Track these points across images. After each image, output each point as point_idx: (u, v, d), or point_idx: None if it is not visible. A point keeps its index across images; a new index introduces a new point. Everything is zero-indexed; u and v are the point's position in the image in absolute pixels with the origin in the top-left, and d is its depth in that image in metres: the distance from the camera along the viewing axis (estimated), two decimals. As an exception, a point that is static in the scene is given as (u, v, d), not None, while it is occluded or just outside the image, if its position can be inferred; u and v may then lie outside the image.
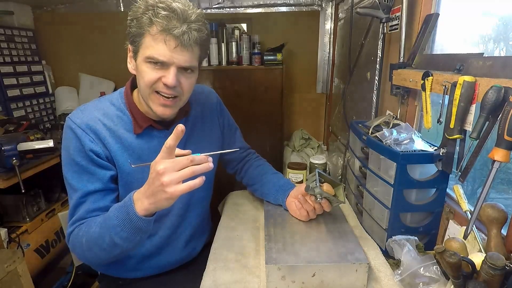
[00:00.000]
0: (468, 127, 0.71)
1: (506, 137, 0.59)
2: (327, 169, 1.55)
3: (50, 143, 1.59)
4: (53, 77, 2.56)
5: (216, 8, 2.37)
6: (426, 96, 0.86)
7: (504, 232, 0.70)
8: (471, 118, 0.70)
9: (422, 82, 0.87)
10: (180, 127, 0.64)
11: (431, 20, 0.97)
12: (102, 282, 1.07)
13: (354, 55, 1.59)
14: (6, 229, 1.51)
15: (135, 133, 0.88)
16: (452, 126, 0.73)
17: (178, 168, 0.64)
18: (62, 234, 1.83)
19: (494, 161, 0.62)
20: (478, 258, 0.62)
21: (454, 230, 0.83)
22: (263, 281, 0.78)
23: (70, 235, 0.83)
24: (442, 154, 0.78)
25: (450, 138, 0.75)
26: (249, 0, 2.35)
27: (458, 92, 0.70)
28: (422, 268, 0.70)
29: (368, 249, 0.90)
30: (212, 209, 1.20)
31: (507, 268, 0.56)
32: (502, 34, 0.91)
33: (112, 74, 2.52)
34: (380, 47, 1.23)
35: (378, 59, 1.25)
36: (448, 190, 0.90)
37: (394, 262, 0.84)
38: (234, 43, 2.16)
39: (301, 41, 2.41)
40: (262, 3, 2.35)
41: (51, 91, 2.49)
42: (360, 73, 1.54)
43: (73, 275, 1.70)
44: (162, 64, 0.78)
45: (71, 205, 0.84)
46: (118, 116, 0.88)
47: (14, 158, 1.43)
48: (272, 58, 2.12)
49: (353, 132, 1.13)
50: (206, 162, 0.66)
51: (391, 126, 0.99)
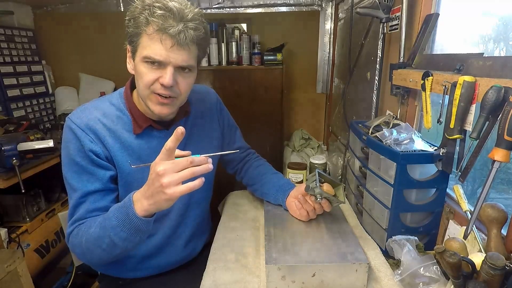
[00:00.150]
0: (468, 127, 0.71)
1: (506, 137, 0.59)
2: (327, 169, 1.55)
3: (50, 143, 1.59)
4: (53, 77, 2.57)
5: (216, 8, 2.37)
6: (426, 96, 0.86)
7: (504, 232, 0.70)
8: (471, 118, 0.70)
9: (422, 82, 0.87)
10: (180, 129, 0.64)
11: (431, 20, 0.97)
12: (102, 282, 1.07)
13: (354, 55, 1.59)
14: (6, 229, 1.51)
15: (134, 133, 0.88)
16: (452, 126, 0.73)
17: (177, 169, 0.64)
18: (62, 234, 1.83)
19: (494, 161, 0.62)
20: (478, 258, 0.62)
21: (454, 230, 0.83)
22: (263, 281, 0.78)
23: (70, 235, 0.83)
24: (442, 154, 0.78)
25: (450, 138, 0.75)
26: (249, 0, 2.35)
27: (458, 92, 0.70)
28: (422, 268, 0.70)
29: (368, 249, 0.90)
30: (212, 209, 1.20)
31: (507, 268, 0.56)
32: (502, 34, 0.91)
33: (112, 74, 2.52)
34: (380, 47, 1.23)
35: (378, 59, 1.25)
36: (448, 190, 0.90)
37: (394, 262, 0.84)
38: (234, 43, 2.16)
39: (301, 41, 2.41)
40: (262, 3, 2.35)
41: (51, 91, 2.50)
42: (360, 73, 1.54)
43: (73, 275, 1.70)
44: (159, 64, 0.77)
45: (71, 205, 0.84)
46: (118, 116, 0.88)
47: (14, 158, 1.43)
48: (272, 58, 2.12)
49: (353, 132, 1.13)
50: (206, 163, 0.66)
51: (391, 126, 0.99)
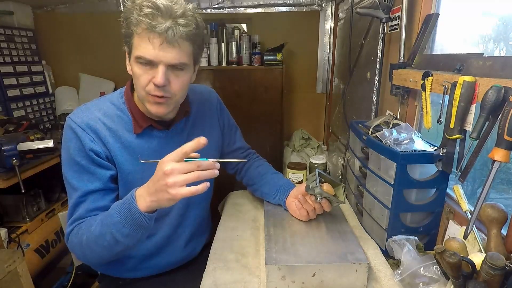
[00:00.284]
0: (468, 127, 0.71)
1: (506, 137, 0.59)
2: (327, 169, 1.55)
3: (50, 143, 1.59)
4: (53, 77, 2.57)
5: (216, 8, 2.37)
6: (426, 96, 0.86)
7: (504, 232, 0.70)
8: (471, 118, 0.70)
9: (422, 82, 0.87)
10: (203, 140, 0.65)
11: (431, 20, 0.97)
12: (102, 282, 1.07)
13: (354, 55, 1.59)
14: (6, 229, 1.51)
15: (135, 133, 0.88)
16: (452, 126, 0.73)
17: (184, 171, 0.65)
18: (62, 234, 1.83)
19: (494, 161, 0.62)
20: (478, 258, 0.62)
21: (454, 230, 0.83)
22: (263, 281, 0.78)
23: (69, 234, 0.83)
24: (442, 154, 0.78)
25: (450, 138, 0.75)
26: (249, 0, 2.35)
27: (458, 92, 0.70)
28: (422, 268, 0.70)
29: (368, 249, 0.90)
30: (212, 209, 1.20)
31: (507, 268, 0.56)
32: (502, 34, 0.91)
33: (112, 74, 2.52)
34: (380, 47, 1.23)
35: (378, 59, 1.25)
36: (448, 190, 0.90)
37: (394, 262, 0.84)
38: (234, 43, 2.16)
39: (301, 41, 2.41)
40: (262, 3, 2.35)
41: (51, 91, 2.50)
42: (360, 73, 1.54)
43: (73, 275, 1.70)
44: (151, 64, 0.76)
45: (71, 204, 0.84)
46: (118, 116, 0.88)
47: (14, 158, 1.43)
48: (272, 58, 2.12)
49: (353, 132, 1.13)
50: (213, 169, 0.66)
51: (391, 126, 0.99)
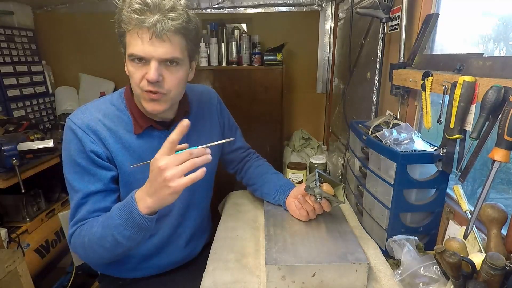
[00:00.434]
0: (468, 127, 0.71)
1: (506, 137, 0.59)
2: (327, 169, 1.55)
3: (50, 143, 1.59)
4: (53, 77, 2.56)
5: (216, 8, 2.37)
6: (426, 96, 0.86)
7: (504, 232, 0.70)
8: (471, 118, 0.70)
9: (422, 82, 0.87)
10: (185, 121, 0.65)
11: (431, 20, 0.97)
12: (102, 282, 1.07)
13: (354, 55, 1.59)
14: (6, 229, 1.51)
15: (135, 133, 0.88)
16: (452, 126, 0.73)
17: (178, 162, 0.66)
18: (62, 234, 1.83)
19: (494, 161, 0.62)
20: (478, 258, 0.62)
21: (454, 230, 0.83)
22: (263, 281, 0.78)
23: (72, 235, 0.83)
24: (442, 154, 0.78)
25: (450, 138, 0.75)
26: (249, 0, 2.35)
27: (458, 92, 0.70)
28: (422, 268, 0.70)
29: (368, 249, 0.90)
30: (212, 209, 1.20)
31: (507, 268, 0.56)
32: (502, 34, 0.91)
33: (112, 74, 2.52)
34: (380, 47, 1.23)
35: (378, 59, 1.25)
36: (448, 190, 0.90)
37: (394, 262, 0.84)
38: (234, 43, 2.16)
39: (301, 41, 2.41)
40: (262, 3, 2.35)
41: (51, 91, 2.50)
42: (360, 73, 1.54)
43: (73, 275, 1.70)
44: (144, 61, 0.76)
45: (72, 206, 0.84)
46: (118, 117, 0.88)
47: (14, 158, 1.43)
48: (272, 58, 2.11)
49: (353, 132, 1.13)
50: (204, 154, 0.68)
51: (391, 126, 0.99)
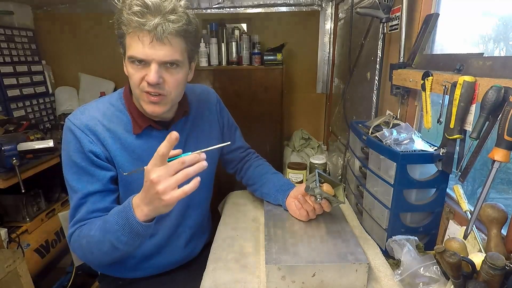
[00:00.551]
0: (468, 127, 0.71)
1: (506, 137, 0.59)
2: (327, 169, 1.55)
3: (50, 143, 1.59)
4: (53, 77, 2.56)
5: (216, 8, 2.37)
6: (426, 96, 0.86)
7: (504, 232, 0.70)
8: (471, 118, 0.71)
9: (422, 82, 0.87)
10: (174, 134, 0.61)
11: (431, 20, 0.97)
12: (102, 282, 1.07)
13: (354, 55, 1.59)
14: (6, 229, 1.51)
15: (134, 133, 0.88)
16: (452, 126, 0.73)
17: (171, 173, 0.63)
18: (62, 234, 1.83)
19: (494, 161, 0.62)
20: (478, 258, 0.62)
21: (454, 230, 0.83)
22: (263, 281, 0.78)
23: (71, 236, 0.83)
24: (442, 154, 0.78)
25: (450, 138, 0.75)
26: (249, 0, 2.35)
27: (458, 92, 0.70)
28: (422, 268, 0.70)
29: (368, 249, 0.90)
30: (212, 209, 1.20)
31: (507, 268, 0.56)
32: (502, 34, 0.91)
33: (112, 74, 2.52)
34: (380, 47, 1.23)
35: (378, 59, 1.25)
36: (448, 190, 0.90)
37: (394, 262, 0.84)
38: (234, 43, 2.16)
39: (301, 41, 2.41)
40: (262, 3, 2.35)
41: (51, 91, 2.50)
42: (360, 73, 1.54)
43: (73, 275, 1.70)
44: (144, 63, 0.76)
45: (72, 206, 0.84)
46: (118, 117, 0.88)
47: (14, 158, 1.43)
48: (272, 58, 2.12)
49: (353, 132, 1.13)
50: (198, 162, 0.63)
51: (391, 126, 0.99)
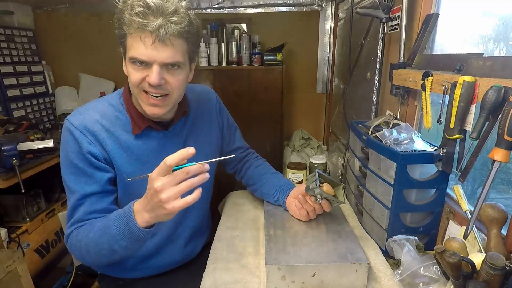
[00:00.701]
0: (468, 127, 0.71)
1: (506, 137, 0.59)
2: (327, 169, 1.55)
3: (50, 143, 1.59)
4: (53, 77, 2.57)
5: (216, 8, 2.37)
6: (426, 96, 0.86)
7: (504, 232, 0.70)
8: (471, 118, 0.70)
9: (422, 82, 0.87)
10: (191, 150, 0.63)
11: (431, 20, 0.97)
12: (102, 282, 1.07)
13: (354, 55, 1.59)
14: (6, 229, 1.51)
15: (133, 133, 0.87)
16: (452, 126, 0.73)
17: (175, 183, 0.64)
18: (62, 234, 1.83)
19: (494, 161, 0.62)
20: (478, 258, 0.62)
21: (454, 230, 0.83)
22: (263, 281, 0.78)
23: (69, 236, 0.83)
24: (442, 154, 0.78)
25: (450, 138, 0.75)
26: (249, 0, 2.35)
27: (458, 92, 0.70)
28: (422, 268, 0.70)
29: (368, 249, 0.90)
30: (212, 209, 1.20)
31: (507, 268, 0.56)
32: (502, 34, 0.91)
33: (112, 74, 2.52)
34: (380, 47, 1.23)
35: (378, 59, 1.25)
36: (448, 190, 0.90)
37: (394, 262, 0.84)
38: (234, 43, 2.16)
39: (301, 41, 2.41)
40: (262, 3, 2.35)
41: (51, 91, 2.50)
42: (360, 73, 1.54)
43: (73, 275, 1.70)
44: (145, 64, 0.76)
45: (69, 206, 0.84)
46: (117, 117, 0.87)
47: (14, 158, 1.43)
48: (272, 58, 2.11)
49: (353, 132, 1.13)
50: (202, 173, 0.65)
51: (391, 126, 0.99)
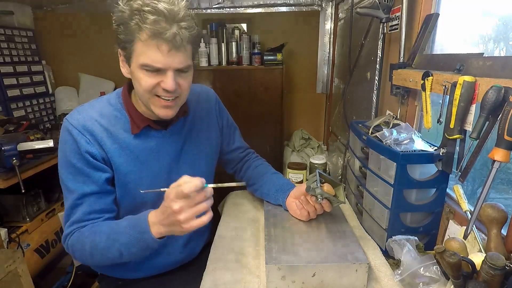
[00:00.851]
0: (468, 127, 0.71)
1: (506, 137, 0.59)
2: (327, 169, 1.55)
3: (50, 143, 1.59)
4: (53, 77, 2.57)
5: (216, 8, 2.37)
6: (426, 96, 0.86)
7: (504, 232, 0.70)
8: (471, 118, 0.71)
9: (422, 82, 0.87)
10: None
11: (431, 20, 0.97)
12: (102, 282, 1.07)
13: (354, 55, 1.59)
14: (6, 229, 1.51)
15: (132, 133, 0.87)
16: (452, 126, 0.73)
17: (193, 204, 0.69)
18: (62, 234, 1.83)
19: (494, 161, 0.62)
20: (478, 258, 0.62)
21: (454, 230, 0.83)
22: (263, 281, 0.78)
23: (68, 236, 0.83)
24: (442, 154, 0.78)
25: (450, 138, 0.75)
26: (249, 0, 2.35)
27: (458, 92, 0.70)
28: (422, 268, 0.70)
29: (368, 249, 0.90)
30: (212, 209, 1.20)
31: (507, 268, 0.56)
32: (502, 34, 0.91)
33: (112, 74, 2.52)
34: (380, 47, 1.23)
35: (378, 59, 1.25)
36: (448, 190, 0.90)
37: (394, 262, 0.84)
38: (234, 43, 2.16)
39: (301, 41, 2.41)
40: (262, 3, 2.35)
41: (51, 91, 2.50)
42: (360, 73, 1.54)
43: (73, 275, 1.70)
44: (158, 70, 0.76)
45: (67, 206, 0.84)
46: (115, 116, 0.87)
47: (14, 158, 1.43)
48: (272, 58, 2.12)
49: (353, 132, 1.13)
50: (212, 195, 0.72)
51: (391, 126, 0.99)
